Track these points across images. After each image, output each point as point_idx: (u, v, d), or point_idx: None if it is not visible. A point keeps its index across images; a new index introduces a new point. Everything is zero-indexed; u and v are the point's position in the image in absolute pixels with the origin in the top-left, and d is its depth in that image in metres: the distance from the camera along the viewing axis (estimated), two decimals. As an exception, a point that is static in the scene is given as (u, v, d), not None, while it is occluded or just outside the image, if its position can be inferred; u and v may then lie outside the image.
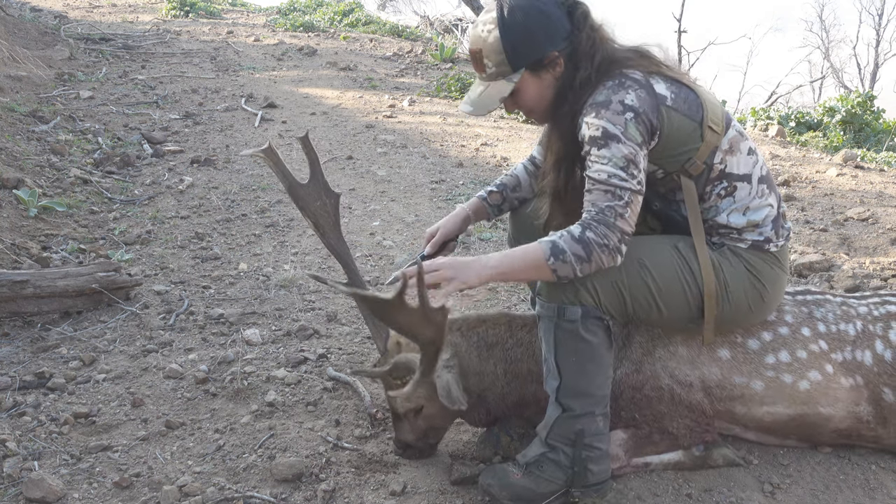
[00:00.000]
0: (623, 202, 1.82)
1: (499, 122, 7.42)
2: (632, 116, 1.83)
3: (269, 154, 2.26)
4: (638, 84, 1.88)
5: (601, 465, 1.98)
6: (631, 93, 1.85)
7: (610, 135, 1.82)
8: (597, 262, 1.82)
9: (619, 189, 1.82)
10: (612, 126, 1.82)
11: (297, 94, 8.32)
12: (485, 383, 2.18)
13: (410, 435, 2.22)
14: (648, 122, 1.85)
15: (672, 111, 1.90)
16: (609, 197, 1.83)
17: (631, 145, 1.82)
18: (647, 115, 1.85)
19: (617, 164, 1.82)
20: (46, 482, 2.03)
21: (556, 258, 1.82)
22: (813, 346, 2.12)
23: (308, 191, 2.31)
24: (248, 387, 2.64)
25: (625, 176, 1.82)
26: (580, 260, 1.81)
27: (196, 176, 5.40)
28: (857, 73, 31.18)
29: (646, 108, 1.85)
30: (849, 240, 4.12)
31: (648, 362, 2.11)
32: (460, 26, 14.97)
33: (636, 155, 1.83)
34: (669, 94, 1.91)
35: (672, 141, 1.92)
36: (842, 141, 8.35)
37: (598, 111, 1.84)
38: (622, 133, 1.82)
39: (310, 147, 2.33)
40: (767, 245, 2.02)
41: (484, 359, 2.19)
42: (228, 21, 13.89)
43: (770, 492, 2.08)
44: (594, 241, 1.81)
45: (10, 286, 3.04)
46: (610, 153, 1.82)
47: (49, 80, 7.65)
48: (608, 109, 1.83)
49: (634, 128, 1.83)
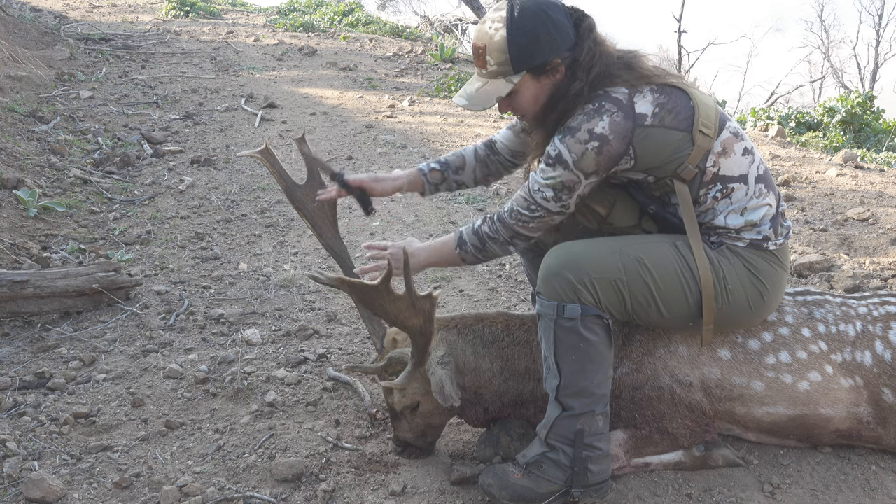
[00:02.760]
0: (534, 216, 1.98)
1: (499, 122, 7.42)
2: (595, 146, 1.87)
3: (265, 155, 2.27)
4: (617, 106, 1.89)
5: (601, 465, 1.98)
6: (605, 118, 1.87)
7: (561, 160, 1.90)
8: (491, 251, 2.08)
9: (536, 205, 1.96)
10: (568, 153, 1.89)
11: (297, 95, 8.33)
12: (481, 381, 2.19)
13: (409, 433, 2.22)
14: (612, 151, 1.89)
15: (651, 129, 1.90)
16: (525, 204, 1.99)
17: (577, 174, 1.90)
18: (615, 143, 1.88)
19: (552, 184, 1.93)
20: (46, 482, 2.03)
21: (461, 248, 2.10)
22: (813, 346, 2.12)
23: (305, 191, 2.32)
24: (248, 387, 2.64)
25: (550, 196, 1.94)
26: (477, 249, 2.09)
27: (196, 176, 5.40)
28: (857, 73, 31.23)
29: (616, 135, 1.87)
30: (849, 240, 4.12)
31: (649, 362, 2.11)
32: (460, 26, 14.98)
33: (576, 184, 1.92)
34: (653, 108, 1.90)
35: (654, 155, 1.92)
36: (842, 141, 8.36)
37: (563, 135, 1.91)
38: (573, 162, 1.89)
39: (307, 148, 2.33)
40: (766, 244, 2.01)
41: (480, 356, 2.19)
42: (228, 21, 13.90)
43: (770, 492, 2.08)
44: (486, 233, 2.06)
45: (10, 286, 3.04)
46: (552, 173, 1.92)
47: (49, 80, 7.65)
48: (573, 137, 1.89)
49: (592, 158, 1.88)
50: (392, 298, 1.85)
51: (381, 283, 1.79)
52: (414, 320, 1.92)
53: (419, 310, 1.90)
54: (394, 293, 1.84)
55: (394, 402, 2.20)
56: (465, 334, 2.21)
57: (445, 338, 2.18)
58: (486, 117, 7.68)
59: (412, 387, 2.14)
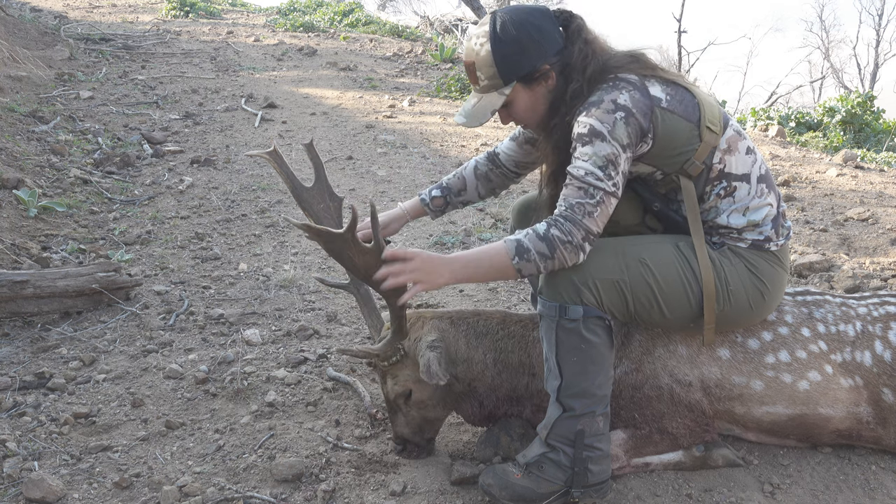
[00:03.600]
0: (594, 201, 1.84)
1: (497, 122, 7.41)
2: (622, 116, 1.84)
3: (274, 156, 2.29)
4: (632, 86, 1.89)
5: (601, 465, 1.98)
6: (624, 93, 1.86)
7: (596, 132, 1.84)
8: (560, 259, 1.85)
9: (593, 188, 1.84)
10: (600, 124, 1.84)
11: (297, 95, 8.33)
12: (473, 372, 2.20)
13: (406, 428, 2.23)
14: (638, 124, 1.86)
15: (667, 112, 1.90)
16: (581, 194, 1.85)
17: (615, 145, 1.84)
18: (638, 116, 1.86)
19: (596, 162, 1.84)
20: (46, 482, 2.03)
21: (521, 257, 1.84)
22: (813, 346, 2.12)
23: (312, 193, 2.34)
24: (248, 387, 2.64)
25: (601, 175, 1.84)
26: (544, 258, 1.84)
27: (196, 176, 5.40)
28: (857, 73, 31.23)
29: (638, 109, 1.86)
30: (849, 240, 4.12)
31: (648, 361, 2.11)
32: (460, 26, 14.98)
33: (618, 156, 1.85)
34: (665, 95, 1.92)
35: (668, 142, 1.92)
36: (842, 141, 8.36)
37: (588, 110, 1.87)
38: (608, 132, 1.83)
39: (314, 153, 2.38)
40: (768, 244, 2.02)
41: (472, 346, 2.20)
42: (228, 21, 13.89)
43: (770, 492, 2.08)
44: (558, 237, 1.83)
45: (10, 286, 3.04)
46: (592, 150, 1.84)
47: (49, 80, 7.65)
48: (598, 108, 1.85)
49: (623, 128, 1.84)
50: (360, 250, 1.82)
51: (346, 232, 1.77)
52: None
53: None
54: (361, 245, 1.82)
55: (387, 390, 2.22)
56: (458, 325, 2.23)
57: (438, 325, 2.20)
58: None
59: (404, 373, 2.17)
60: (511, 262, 1.85)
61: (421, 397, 2.19)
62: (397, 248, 1.96)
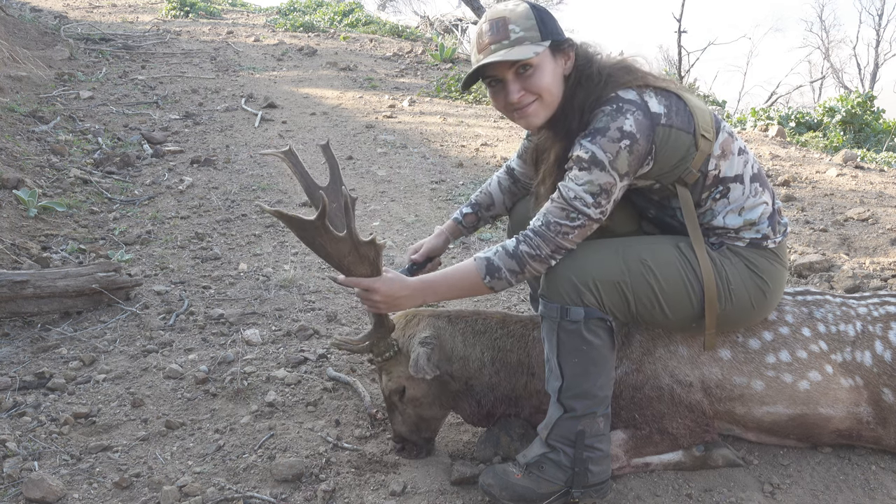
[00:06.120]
0: (574, 224, 1.87)
1: (499, 122, 7.42)
2: (626, 144, 1.83)
3: (288, 156, 2.30)
4: (635, 106, 1.86)
5: (601, 465, 1.98)
6: (629, 117, 1.84)
7: (596, 161, 1.83)
8: (530, 272, 1.92)
9: (577, 212, 1.86)
10: (603, 153, 1.83)
11: (297, 95, 8.33)
12: (470, 370, 2.20)
13: (403, 426, 2.24)
14: (641, 150, 1.85)
15: (667, 129, 1.89)
16: (563, 215, 1.87)
17: (613, 175, 1.84)
18: (642, 141, 1.84)
19: (589, 189, 1.84)
20: (46, 482, 2.03)
21: (493, 276, 1.92)
22: (813, 346, 2.12)
23: (326, 192, 2.35)
24: (248, 387, 2.64)
25: (590, 202, 1.85)
26: (514, 273, 1.92)
27: (196, 176, 5.40)
28: (857, 73, 31.23)
29: (642, 134, 1.84)
30: (849, 240, 4.12)
31: (649, 362, 2.11)
32: (460, 26, 14.97)
33: (613, 186, 1.85)
34: (663, 109, 1.89)
35: (668, 157, 1.91)
36: (842, 141, 8.36)
37: (594, 137, 1.84)
38: (609, 162, 1.83)
39: (330, 153, 2.39)
40: (765, 242, 2.02)
41: (470, 344, 2.21)
42: (228, 21, 13.90)
43: (770, 492, 2.08)
44: (527, 253, 1.90)
45: (10, 286, 3.04)
46: (588, 177, 1.84)
47: (49, 80, 7.65)
48: (604, 136, 1.83)
49: (626, 157, 1.83)
50: (332, 238, 1.83)
51: (316, 219, 1.77)
52: (360, 268, 1.91)
53: (363, 256, 1.88)
54: (333, 232, 1.82)
55: (383, 386, 2.24)
56: (456, 323, 2.24)
57: (434, 323, 2.21)
58: (486, 118, 7.68)
59: (397, 370, 2.18)
60: (482, 280, 1.93)
61: (415, 394, 2.19)
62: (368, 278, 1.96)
